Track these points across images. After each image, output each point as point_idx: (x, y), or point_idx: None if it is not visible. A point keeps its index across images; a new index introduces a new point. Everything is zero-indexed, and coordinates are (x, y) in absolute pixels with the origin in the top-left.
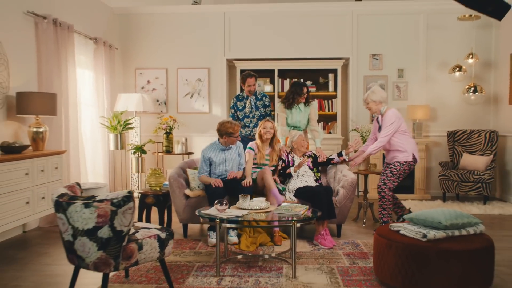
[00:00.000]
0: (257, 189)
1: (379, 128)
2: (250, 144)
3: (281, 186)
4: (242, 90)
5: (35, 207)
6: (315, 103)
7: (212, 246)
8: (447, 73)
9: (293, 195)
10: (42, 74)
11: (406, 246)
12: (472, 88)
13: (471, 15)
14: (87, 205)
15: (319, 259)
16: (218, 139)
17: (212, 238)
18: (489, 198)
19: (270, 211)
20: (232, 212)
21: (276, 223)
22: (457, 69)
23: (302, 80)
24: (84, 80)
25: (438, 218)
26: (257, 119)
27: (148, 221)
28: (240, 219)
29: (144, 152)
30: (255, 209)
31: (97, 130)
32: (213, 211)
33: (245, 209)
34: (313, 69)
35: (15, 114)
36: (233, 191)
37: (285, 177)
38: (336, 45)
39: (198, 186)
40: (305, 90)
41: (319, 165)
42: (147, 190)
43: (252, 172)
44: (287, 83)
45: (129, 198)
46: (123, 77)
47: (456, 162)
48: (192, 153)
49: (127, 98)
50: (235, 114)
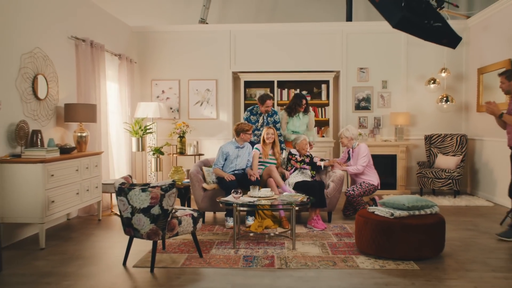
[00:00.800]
0: (262, 182)
1: (348, 158)
2: (256, 146)
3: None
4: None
5: (82, 197)
6: (313, 113)
7: (228, 228)
8: (424, 85)
9: (292, 188)
10: (81, 87)
11: (378, 223)
12: (445, 98)
13: None
14: (144, 190)
15: (313, 237)
16: (235, 138)
17: (229, 222)
18: (460, 193)
19: (275, 198)
20: (245, 199)
21: (280, 207)
22: (432, 82)
23: (299, 90)
24: (111, 91)
25: (403, 201)
26: None
27: None
28: (251, 204)
29: (162, 153)
30: (263, 197)
31: (121, 134)
32: (231, 198)
33: (255, 197)
34: (308, 81)
35: (63, 122)
36: (243, 184)
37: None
38: (328, 60)
39: (213, 181)
40: (304, 102)
41: (312, 166)
42: None
43: (259, 169)
44: (285, 93)
45: (173, 185)
46: (141, 88)
47: (432, 162)
48: (203, 154)
49: (146, 106)
50: None
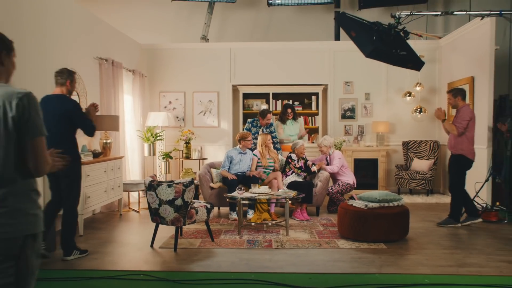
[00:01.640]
0: (267, 181)
1: (327, 163)
2: (255, 152)
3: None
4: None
5: (109, 195)
6: (301, 119)
7: (232, 220)
8: (401, 97)
9: (286, 187)
10: (103, 100)
11: (355, 212)
12: (419, 109)
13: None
14: (170, 185)
15: (303, 227)
16: (238, 146)
17: (233, 215)
18: (433, 192)
19: (272, 194)
20: (247, 195)
21: (275, 201)
22: (408, 94)
23: (291, 101)
24: (126, 103)
25: (375, 196)
26: None
27: None
28: (252, 198)
29: (171, 158)
30: (263, 193)
31: (135, 141)
32: (235, 194)
33: (256, 193)
34: (300, 93)
35: None
36: (245, 183)
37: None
38: (318, 74)
39: (220, 181)
40: (289, 111)
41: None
42: None
43: (264, 172)
44: (280, 103)
45: (192, 182)
46: (150, 99)
47: (409, 165)
48: (206, 158)
49: (156, 116)
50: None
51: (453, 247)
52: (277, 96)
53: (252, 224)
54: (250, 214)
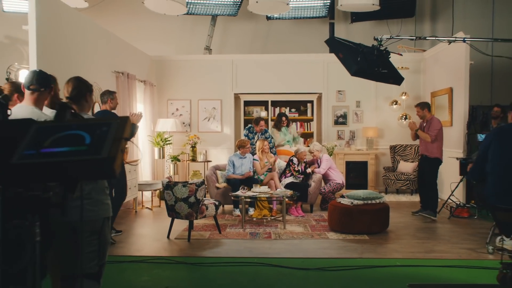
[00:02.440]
0: (264, 182)
1: (318, 166)
2: (255, 157)
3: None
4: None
5: (128, 194)
6: (293, 126)
7: (236, 216)
8: (389, 105)
9: (284, 187)
10: (120, 109)
11: (343, 208)
12: (404, 116)
13: (403, 67)
14: (184, 185)
15: (298, 222)
16: (238, 151)
17: (236, 211)
18: (416, 191)
19: (271, 193)
20: (249, 193)
21: (275, 199)
22: (395, 103)
23: (288, 108)
24: (138, 110)
25: (359, 194)
26: None
27: None
28: (254, 196)
29: (179, 160)
30: (263, 192)
31: (146, 145)
32: (239, 193)
33: (257, 192)
34: (296, 100)
35: None
36: (247, 184)
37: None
38: (313, 84)
39: (224, 182)
40: (283, 119)
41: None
42: None
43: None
44: (277, 111)
45: (203, 183)
46: (159, 106)
47: (395, 167)
48: (210, 161)
49: (164, 122)
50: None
51: (426, 238)
52: (276, 104)
53: (254, 219)
54: (251, 211)
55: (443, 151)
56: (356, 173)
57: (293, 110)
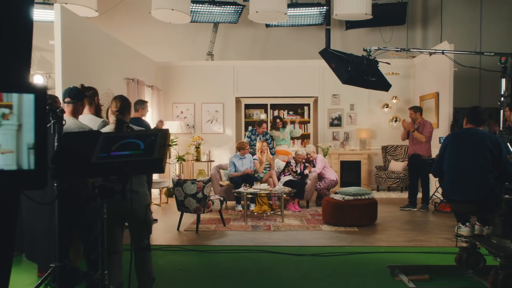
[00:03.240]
0: (263, 180)
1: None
2: (255, 156)
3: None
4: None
5: None
6: (288, 127)
7: (238, 211)
8: (380, 108)
9: (282, 184)
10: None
11: (335, 203)
12: (394, 119)
13: (393, 73)
14: (193, 182)
15: (296, 216)
16: (238, 152)
17: (238, 207)
18: (406, 189)
19: (271, 190)
20: (251, 190)
21: (274, 195)
22: (386, 106)
23: (286, 111)
24: (147, 114)
25: (350, 191)
26: None
27: None
28: (255, 192)
29: (184, 160)
30: (263, 189)
31: None
32: (242, 190)
33: (258, 189)
34: (294, 103)
35: None
36: (248, 181)
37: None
38: (309, 88)
39: (227, 180)
40: (278, 121)
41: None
42: None
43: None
44: (276, 113)
45: (210, 180)
46: (164, 109)
47: (387, 166)
48: (213, 161)
49: (170, 124)
50: (249, 141)
51: (409, 229)
52: (274, 107)
53: (255, 214)
54: (252, 207)
55: (431, 151)
56: (350, 172)
57: (291, 113)
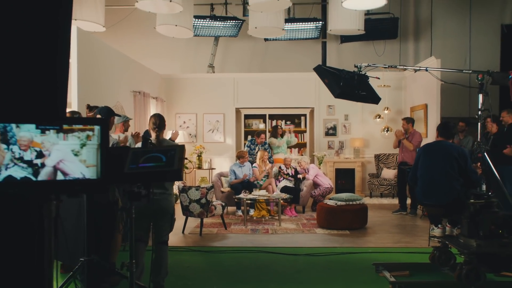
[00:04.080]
0: (263, 187)
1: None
2: (254, 164)
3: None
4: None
5: None
6: (285, 136)
7: (238, 216)
8: (373, 118)
9: (279, 191)
10: (136, 124)
11: (328, 208)
12: (386, 129)
13: (385, 85)
14: (197, 189)
15: (292, 221)
16: (237, 161)
17: (239, 212)
18: (397, 195)
19: (269, 196)
20: (250, 196)
21: (272, 201)
22: (378, 116)
23: (284, 121)
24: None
25: (342, 197)
26: None
27: None
28: (254, 198)
29: (187, 168)
30: (262, 195)
31: None
32: (242, 195)
33: (257, 195)
34: (291, 114)
35: None
36: (248, 187)
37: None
38: (306, 99)
39: (228, 186)
40: (279, 128)
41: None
42: None
43: (261, 179)
44: (274, 123)
45: (212, 187)
46: (168, 119)
47: (379, 174)
48: (214, 168)
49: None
50: (249, 150)
51: (397, 232)
52: (273, 117)
53: (254, 218)
54: (251, 212)
55: None
56: (345, 179)
57: (289, 123)
